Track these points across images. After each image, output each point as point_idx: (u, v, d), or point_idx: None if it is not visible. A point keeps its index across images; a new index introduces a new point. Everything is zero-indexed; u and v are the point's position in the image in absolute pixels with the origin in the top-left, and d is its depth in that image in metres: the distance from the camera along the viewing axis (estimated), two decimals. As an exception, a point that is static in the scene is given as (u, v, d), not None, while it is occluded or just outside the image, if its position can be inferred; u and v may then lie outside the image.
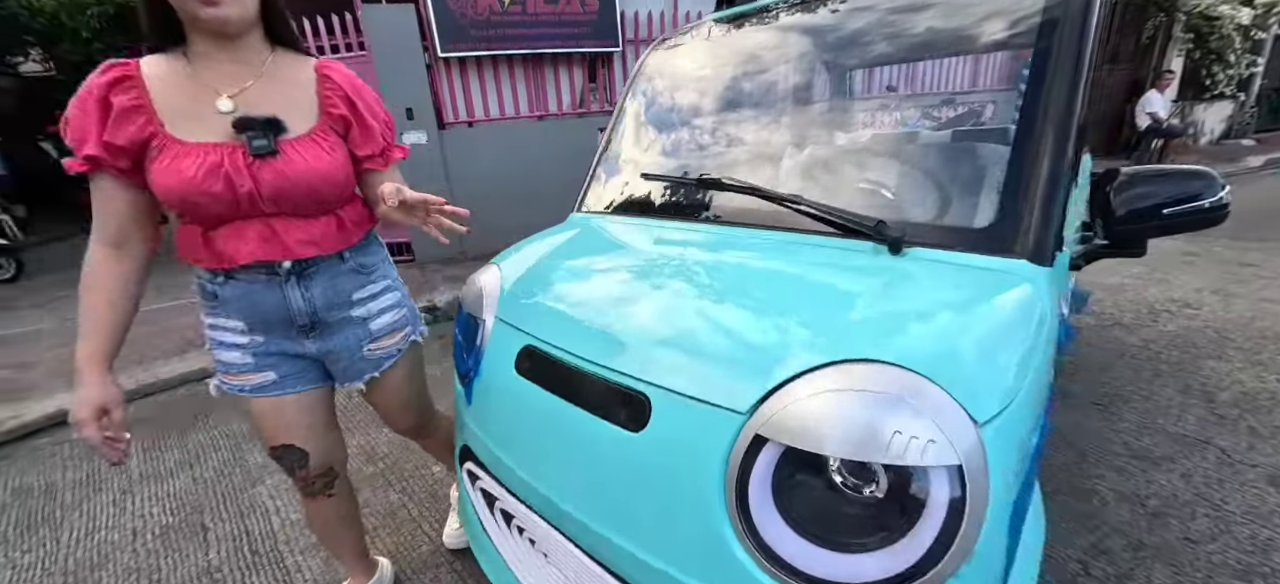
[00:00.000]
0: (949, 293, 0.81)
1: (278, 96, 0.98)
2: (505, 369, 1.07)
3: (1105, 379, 2.49)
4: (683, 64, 1.65)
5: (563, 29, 4.76)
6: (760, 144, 1.30)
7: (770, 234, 1.10)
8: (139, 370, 3.20)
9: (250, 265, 0.98)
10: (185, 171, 0.89)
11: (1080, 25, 0.96)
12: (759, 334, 0.79)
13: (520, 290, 1.19)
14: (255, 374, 1.06)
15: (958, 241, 0.92)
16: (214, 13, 0.87)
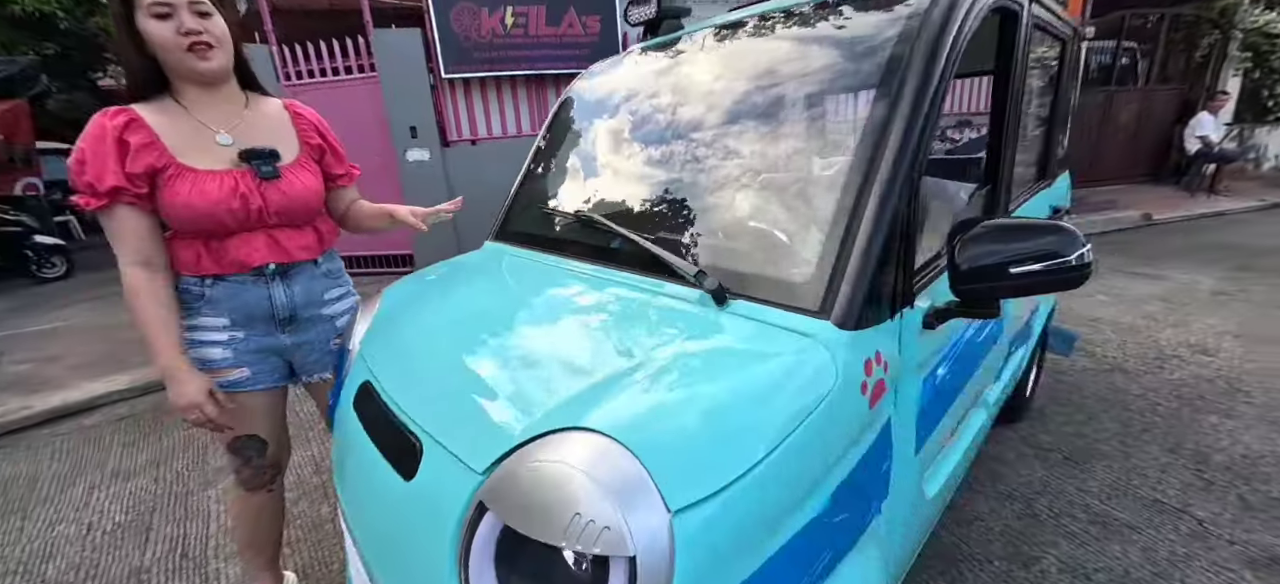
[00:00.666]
0: (728, 355, 0.77)
1: (263, 131, 1.18)
2: (348, 401, 1.08)
3: (1088, 431, 2.30)
4: (592, 96, 1.65)
5: (564, 50, 4.85)
6: (639, 181, 1.28)
7: (625, 276, 1.07)
8: (131, 372, 3.41)
9: (240, 271, 1.15)
10: (211, 193, 1.07)
11: (922, 69, 0.90)
12: (522, 389, 0.78)
13: (384, 324, 1.20)
14: (232, 370, 1.20)
15: (777, 296, 0.87)
16: (207, 65, 1.05)
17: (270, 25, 4.62)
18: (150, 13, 1.00)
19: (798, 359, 0.75)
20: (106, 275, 6.36)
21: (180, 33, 1.01)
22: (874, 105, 0.91)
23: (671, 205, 1.15)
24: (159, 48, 1.02)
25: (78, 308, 5.07)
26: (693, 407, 0.67)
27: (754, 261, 0.94)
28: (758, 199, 1.02)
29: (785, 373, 0.73)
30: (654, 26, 1.72)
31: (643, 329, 0.88)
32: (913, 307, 0.94)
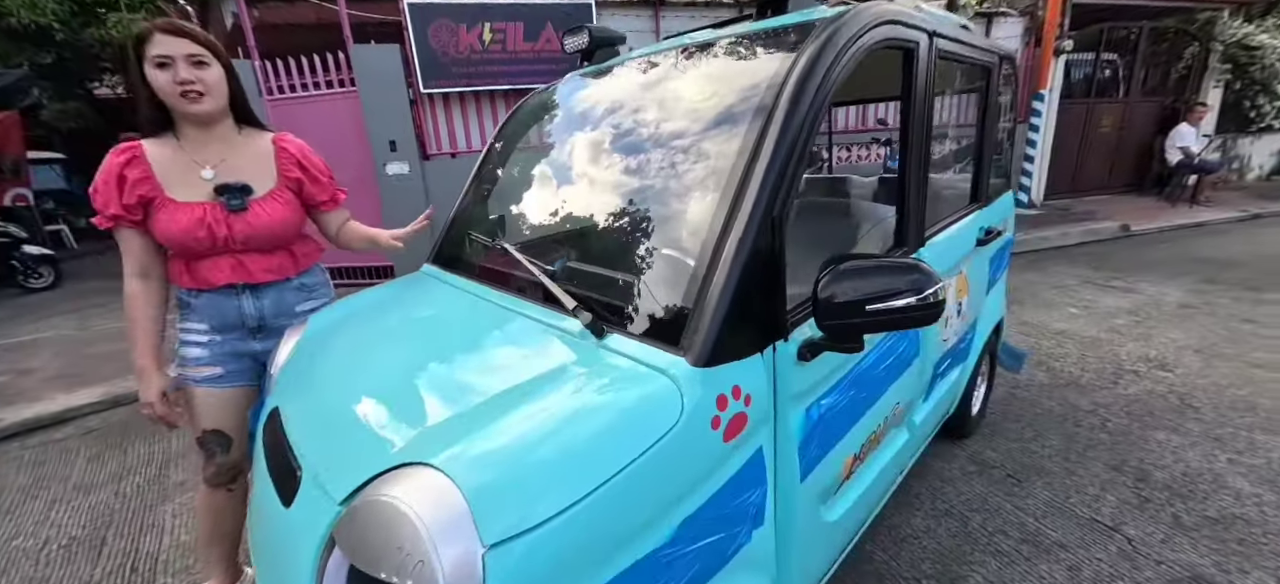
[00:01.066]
0: (584, 390, 0.81)
1: (246, 165, 1.34)
2: (259, 427, 1.12)
3: (1034, 447, 2.34)
4: (518, 124, 1.70)
5: (542, 66, 4.92)
6: (545, 210, 1.33)
7: (524, 305, 1.11)
8: (103, 385, 3.45)
9: (219, 286, 1.33)
10: (181, 222, 1.25)
11: (797, 88, 0.94)
12: (392, 420, 0.81)
13: (301, 352, 1.25)
14: (207, 368, 1.40)
15: (645, 331, 0.91)
16: (196, 109, 1.24)
17: (253, 41, 4.69)
18: (153, 63, 1.20)
19: (643, 395, 0.79)
20: (91, 286, 6.41)
21: (175, 82, 1.20)
22: (741, 143, 0.95)
23: (568, 235, 1.19)
24: (158, 92, 1.22)
25: (58, 319, 5.11)
26: (530, 440, 0.71)
27: (629, 295, 0.98)
28: (637, 233, 1.06)
29: (629, 408, 0.77)
30: (588, 55, 1.77)
31: (517, 360, 0.92)
32: (787, 339, 0.98)
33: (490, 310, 1.13)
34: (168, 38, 1.20)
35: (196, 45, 1.23)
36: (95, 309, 5.38)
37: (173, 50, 1.20)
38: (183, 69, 1.21)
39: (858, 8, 1.12)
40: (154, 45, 1.20)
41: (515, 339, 1.00)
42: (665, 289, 0.93)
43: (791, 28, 1.12)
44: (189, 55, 1.22)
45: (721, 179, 0.94)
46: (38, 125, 9.36)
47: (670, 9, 5.31)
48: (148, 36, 1.21)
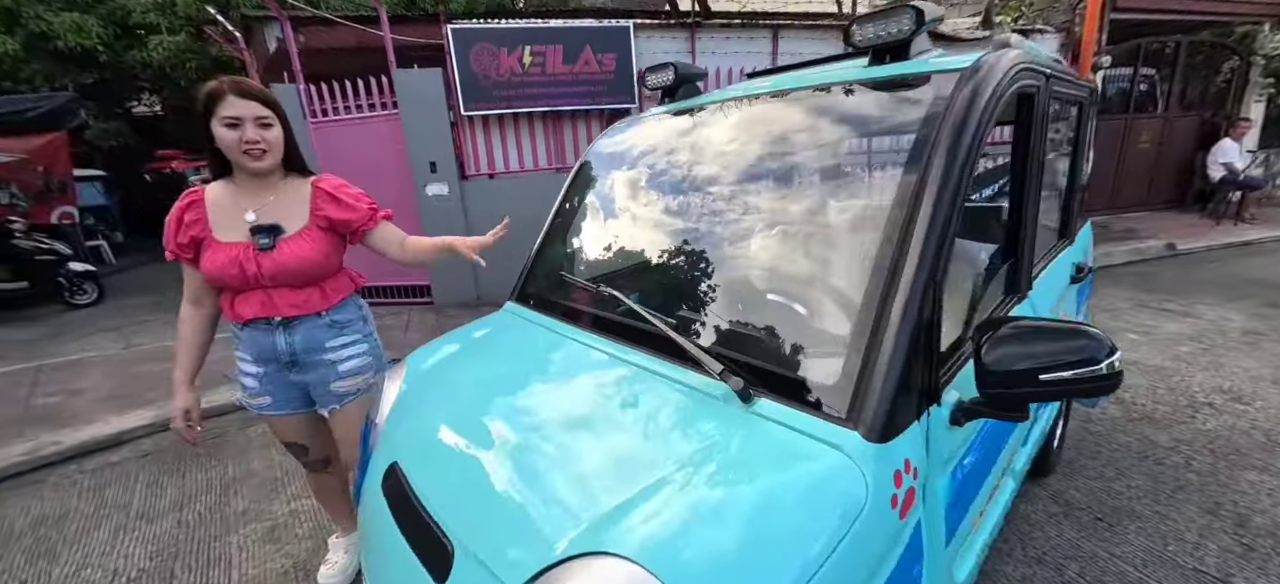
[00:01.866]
0: (755, 465, 0.77)
1: (283, 208, 1.44)
2: (375, 482, 1.09)
3: (1118, 488, 2.24)
4: (615, 159, 1.68)
5: (580, 87, 4.94)
6: (664, 257, 1.29)
7: (649, 359, 1.08)
8: (153, 408, 3.48)
9: (254, 320, 1.45)
10: (218, 260, 1.37)
11: (951, 145, 0.90)
12: (553, 497, 0.78)
13: (411, 397, 1.22)
14: (258, 397, 1.56)
15: (803, 398, 0.87)
16: (258, 166, 1.36)
17: (298, 66, 4.78)
18: (223, 122, 1.30)
19: (827, 475, 0.74)
20: (132, 303, 6.54)
21: (242, 141, 1.32)
22: (896, 197, 0.92)
23: (697, 288, 1.16)
24: (223, 147, 1.33)
25: (102, 337, 5.20)
26: (721, 527, 0.67)
27: (780, 358, 0.94)
28: (783, 291, 1.02)
29: (814, 491, 0.73)
30: (671, 92, 1.75)
31: (669, 428, 0.88)
32: (939, 403, 0.93)
33: (617, 367, 1.09)
34: (239, 100, 1.30)
35: (264, 108, 1.34)
36: (137, 327, 5.47)
37: (243, 112, 1.30)
38: (251, 130, 1.32)
39: (992, 57, 1.08)
40: (226, 106, 1.29)
41: (656, 402, 0.96)
42: (822, 353, 0.89)
43: (920, 77, 1.08)
44: (257, 117, 1.32)
45: (878, 236, 0.90)
46: (80, 144, 9.65)
47: (706, 31, 5.33)
48: (220, 96, 1.29)
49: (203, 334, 1.51)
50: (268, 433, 3.14)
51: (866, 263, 0.90)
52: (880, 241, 0.89)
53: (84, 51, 9.50)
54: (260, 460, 2.85)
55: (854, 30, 1.20)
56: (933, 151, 0.92)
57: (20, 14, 9.00)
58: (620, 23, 4.93)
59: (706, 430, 0.86)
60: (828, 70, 1.40)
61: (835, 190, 1.03)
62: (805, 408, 0.86)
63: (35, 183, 6.60)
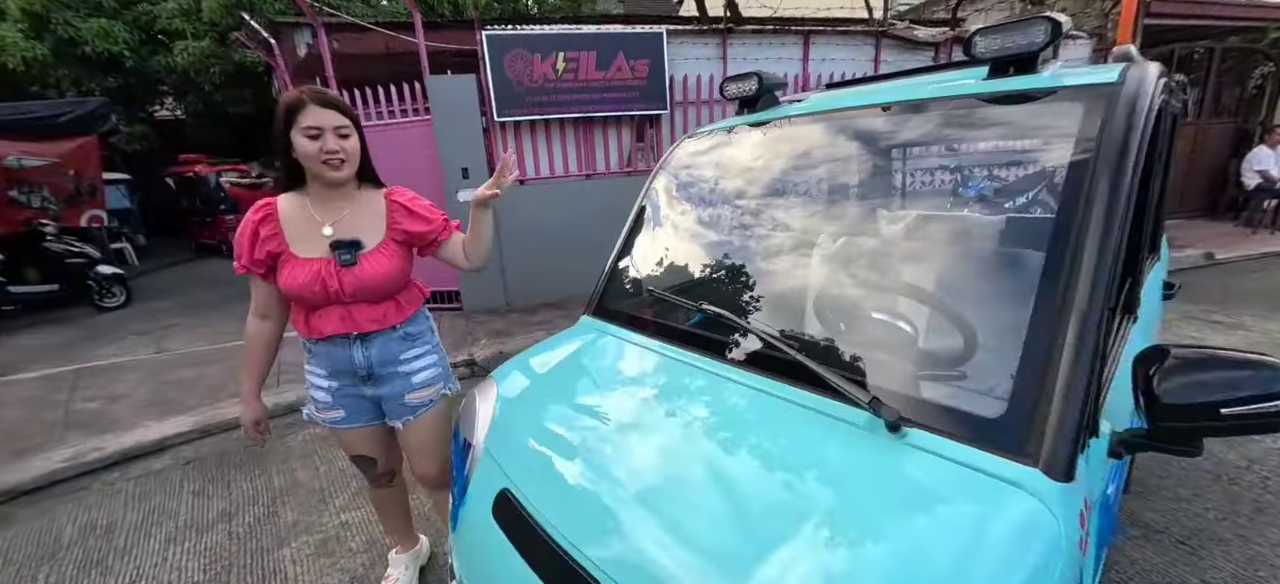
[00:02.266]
0: (933, 506, 0.72)
1: (360, 221, 1.41)
2: (483, 507, 1.05)
3: (1195, 510, 2.16)
4: (706, 167, 1.63)
5: (613, 94, 4.92)
6: (777, 272, 1.25)
7: (772, 385, 1.03)
8: (192, 414, 3.47)
9: (332, 336, 1.42)
10: (300, 277, 1.34)
11: (1118, 156, 0.85)
12: (703, 541, 0.74)
13: (511, 418, 1.18)
14: (330, 410, 1.54)
15: (962, 430, 0.82)
16: (337, 176, 1.33)
17: (331, 71, 4.79)
18: (304, 132, 1.28)
19: (1017, 522, 0.69)
20: (159, 306, 6.58)
21: (323, 151, 1.29)
22: (1064, 222, 0.86)
23: (828, 305, 1.11)
24: (302, 158, 1.31)
25: (134, 340, 5.23)
26: (902, 575, 0.62)
27: (931, 384, 0.89)
28: (936, 308, 0.97)
29: (1007, 538, 0.67)
30: (752, 102, 1.70)
31: (814, 459, 0.84)
32: (1097, 434, 0.88)
33: (737, 392, 1.05)
34: (320, 109, 1.28)
35: (343, 118, 1.31)
36: (166, 330, 5.50)
37: (323, 122, 1.28)
38: (331, 140, 1.29)
39: (1137, 71, 1.03)
40: (306, 116, 1.27)
41: (792, 431, 0.92)
42: (982, 381, 0.84)
43: (1066, 91, 1.02)
44: (337, 127, 1.30)
45: (1043, 260, 0.85)
46: (105, 147, 9.77)
47: (737, 37, 5.29)
48: (300, 106, 1.27)
49: (271, 348, 1.51)
50: (309, 442, 3.13)
51: (1031, 288, 0.85)
52: (1048, 266, 0.84)
53: (110, 57, 9.64)
54: (305, 470, 2.82)
55: (976, 40, 1.15)
56: (1097, 171, 0.87)
57: (50, 19, 9.14)
58: (653, 29, 4.90)
59: (857, 462, 0.81)
60: (933, 82, 1.35)
61: (978, 209, 0.98)
62: (966, 440, 0.81)
63: (66, 186, 6.67)
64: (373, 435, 1.62)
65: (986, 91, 1.13)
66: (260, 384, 1.53)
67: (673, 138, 5.39)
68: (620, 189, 5.20)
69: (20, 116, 6.21)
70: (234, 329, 5.30)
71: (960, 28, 6.12)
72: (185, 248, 11.94)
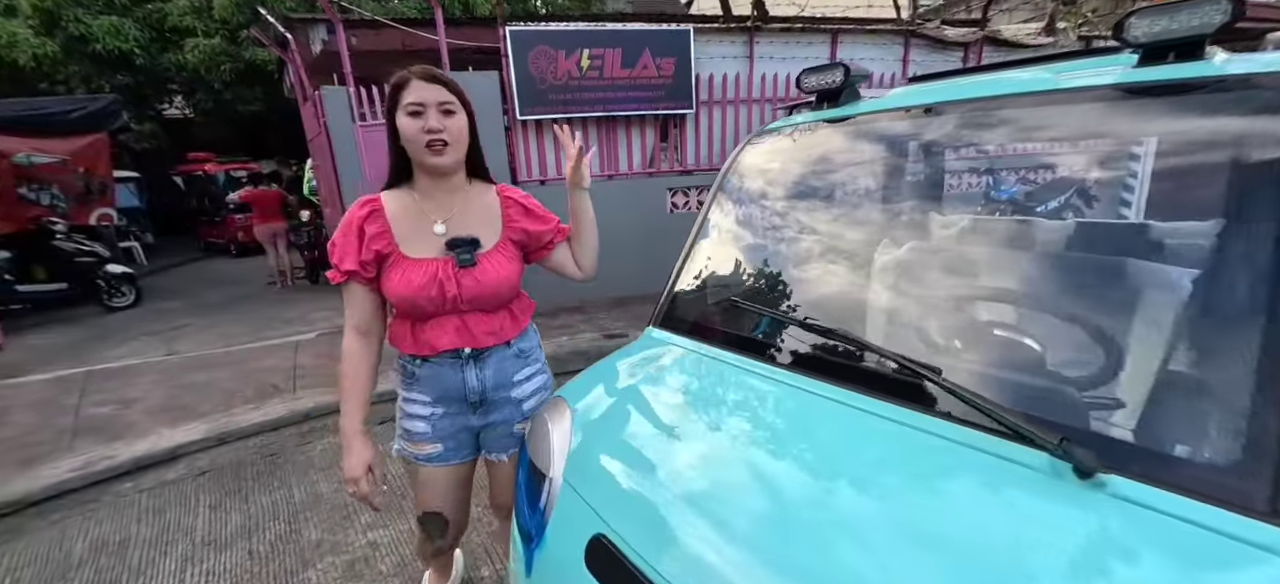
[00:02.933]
0: (1158, 577, 0.57)
1: (474, 218, 1.25)
2: (572, 554, 0.91)
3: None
4: (790, 165, 1.48)
5: (637, 92, 4.79)
6: (904, 284, 1.10)
7: (898, 412, 0.89)
8: (206, 421, 3.33)
9: (442, 352, 1.23)
10: (415, 280, 1.17)
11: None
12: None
13: (594, 447, 1.04)
14: (429, 443, 1.32)
15: (1183, 478, 0.67)
16: (438, 161, 1.16)
17: (349, 67, 4.67)
18: (406, 111, 1.12)
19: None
20: (169, 306, 6.47)
21: (424, 129, 1.12)
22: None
23: (979, 326, 0.96)
24: (406, 140, 1.14)
25: (144, 341, 5.10)
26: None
27: (1133, 420, 0.74)
28: (1130, 326, 0.82)
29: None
30: (834, 96, 1.56)
31: (983, 516, 0.69)
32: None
33: (868, 424, 0.90)
34: (423, 84, 1.14)
35: (448, 93, 1.16)
36: (176, 331, 5.38)
37: (426, 98, 1.13)
38: (433, 117, 1.13)
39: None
40: (409, 92, 1.13)
41: (949, 477, 0.77)
42: (1213, 417, 0.69)
43: (1265, 78, 0.88)
44: (441, 102, 1.15)
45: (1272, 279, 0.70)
46: (114, 145, 9.68)
47: (764, 34, 5.16)
48: (404, 84, 1.14)
49: (373, 371, 1.26)
50: (330, 452, 2.98)
51: (1265, 303, 0.70)
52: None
53: (121, 54, 9.57)
54: (327, 483, 2.68)
55: (1131, 23, 1.00)
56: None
57: (60, 16, 9.07)
58: (680, 27, 4.77)
59: (1044, 516, 0.67)
60: (1059, 71, 1.20)
61: (1160, 215, 0.83)
62: (1188, 491, 0.66)
63: (76, 184, 6.57)
64: (462, 479, 1.42)
65: (1143, 81, 0.99)
66: (365, 418, 1.25)
67: (697, 138, 5.25)
68: (643, 190, 5.07)
69: (32, 113, 6.11)
70: (245, 331, 5.18)
71: (989, 28, 5.97)
72: (193, 247, 11.87)
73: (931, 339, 0.97)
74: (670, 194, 5.25)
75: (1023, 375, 0.88)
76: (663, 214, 5.09)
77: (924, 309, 1.04)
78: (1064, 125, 1.04)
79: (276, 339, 4.84)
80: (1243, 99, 0.86)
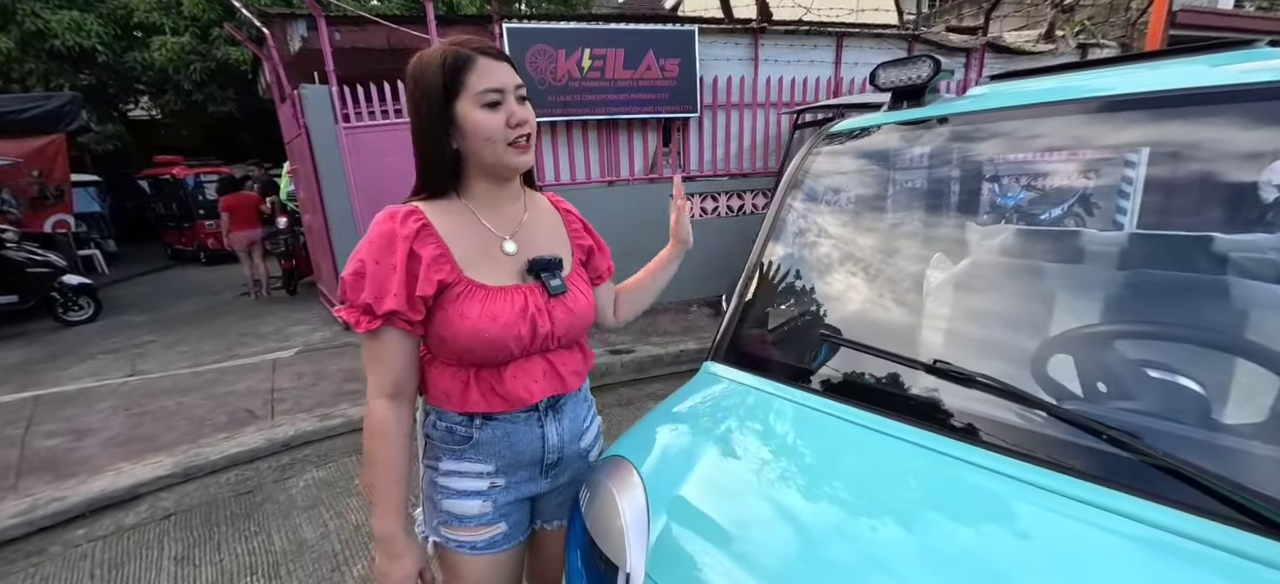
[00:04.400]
0: None
1: (544, 234, 1.00)
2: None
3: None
4: (874, 172, 1.27)
5: (640, 95, 4.57)
6: (1037, 315, 0.89)
7: (1066, 483, 0.68)
8: (173, 454, 2.99)
9: (516, 408, 0.94)
10: (501, 316, 0.87)
11: None
12: None
13: (681, 529, 0.80)
14: (489, 527, 0.99)
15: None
16: (524, 160, 0.90)
17: (332, 65, 4.37)
18: (478, 100, 0.84)
19: None
20: (131, 320, 6.02)
21: (510, 124, 0.86)
22: None
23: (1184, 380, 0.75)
24: (481, 138, 0.86)
25: (104, 361, 4.69)
26: None
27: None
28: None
29: None
30: (915, 94, 1.36)
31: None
32: None
33: (1047, 504, 0.68)
34: (495, 64, 0.86)
35: (516, 73, 0.89)
36: (140, 350, 4.96)
37: (504, 81, 0.86)
38: (514, 106, 0.87)
39: None
40: (480, 74, 0.84)
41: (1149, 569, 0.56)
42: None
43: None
44: (516, 86, 0.88)
45: None
46: (72, 146, 9.10)
47: (770, 37, 4.99)
48: (468, 64, 0.84)
49: (407, 442, 0.92)
50: (313, 488, 2.68)
51: None
52: None
53: (82, 51, 9.03)
54: (311, 526, 2.38)
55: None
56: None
57: (15, 10, 8.51)
58: (685, 27, 4.57)
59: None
60: (1220, 62, 1.02)
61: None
62: None
63: (30, 188, 6.10)
64: (514, 572, 1.08)
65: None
66: (407, 512, 0.91)
67: (701, 143, 5.06)
68: (644, 196, 4.85)
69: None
70: (216, 348, 4.80)
71: (991, 35, 5.92)
72: (160, 254, 11.26)
73: (1114, 389, 0.76)
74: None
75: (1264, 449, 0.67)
76: (665, 222, 4.85)
77: (1093, 350, 0.83)
78: (1254, 130, 0.85)
79: (251, 357, 4.48)
80: None
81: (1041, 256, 1.16)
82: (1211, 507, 0.62)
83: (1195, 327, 0.90)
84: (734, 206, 5.27)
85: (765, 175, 5.25)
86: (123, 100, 11.82)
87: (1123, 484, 0.67)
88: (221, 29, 8.24)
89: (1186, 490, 0.63)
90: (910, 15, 10.03)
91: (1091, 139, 1.00)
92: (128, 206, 12.45)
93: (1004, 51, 5.73)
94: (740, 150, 5.19)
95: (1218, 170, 0.92)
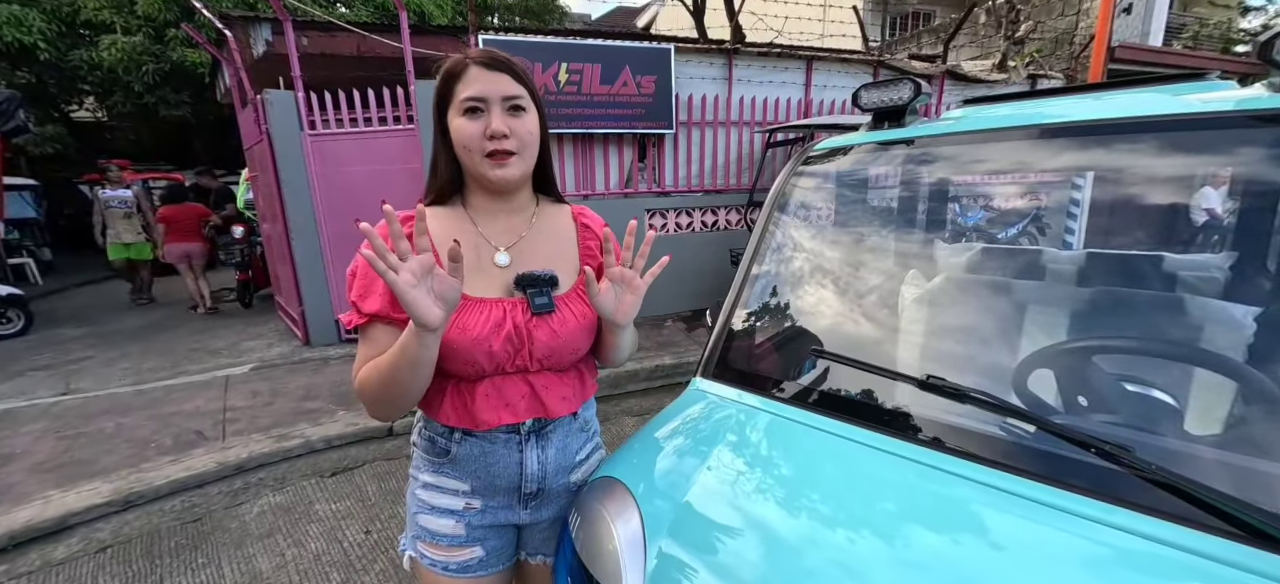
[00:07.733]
0: None
1: (546, 249, 0.97)
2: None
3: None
4: (859, 191, 1.29)
5: (617, 109, 4.58)
6: (1014, 328, 0.91)
7: (1061, 497, 0.69)
8: (112, 479, 2.77)
9: (498, 426, 0.92)
10: (471, 327, 0.86)
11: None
12: None
13: (681, 554, 0.77)
14: (463, 549, 0.97)
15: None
16: (501, 174, 0.88)
17: (298, 70, 4.22)
18: (461, 108, 0.85)
19: None
20: (67, 334, 5.59)
21: (484, 134, 0.85)
22: None
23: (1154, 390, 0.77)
24: (460, 147, 0.88)
25: (35, 378, 4.34)
26: None
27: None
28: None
29: None
30: (896, 115, 1.39)
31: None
32: None
33: (1065, 525, 0.68)
34: (485, 73, 0.85)
35: (517, 84, 0.87)
36: (76, 366, 4.61)
37: (488, 91, 0.85)
38: (496, 117, 0.85)
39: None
40: (465, 83, 0.86)
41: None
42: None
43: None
44: (506, 97, 0.86)
45: None
46: (8, 148, 8.48)
47: (743, 57, 5.10)
48: (459, 72, 0.86)
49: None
50: (269, 514, 2.51)
51: None
52: None
53: (22, 48, 8.48)
54: (267, 557, 2.23)
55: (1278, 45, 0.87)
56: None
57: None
58: (661, 45, 4.63)
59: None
60: (1179, 92, 1.08)
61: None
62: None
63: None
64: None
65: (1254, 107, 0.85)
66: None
67: (676, 159, 5.10)
68: (620, 212, 4.84)
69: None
70: (161, 364, 4.50)
71: (950, 63, 6.22)
72: (100, 264, 10.56)
73: (1097, 403, 0.77)
74: (648, 215, 5.06)
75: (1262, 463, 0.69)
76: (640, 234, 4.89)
77: (1070, 362, 0.85)
78: (1209, 156, 0.89)
79: (201, 375, 4.22)
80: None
81: (1011, 273, 1.20)
82: (1176, 509, 0.63)
83: (1157, 339, 0.93)
84: (708, 222, 5.33)
85: (739, 192, 5.33)
86: (65, 100, 11.15)
87: (1085, 489, 0.68)
88: (178, 30, 7.89)
89: (1154, 494, 0.65)
90: (874, 43, 10.46)
91: (1073, 163, 1.04)
92: (67, 213, 11.67)
93: (961, 79, 6.02)
94: (714, 167, 5.26)
95: (1176, 190, 0.97)
